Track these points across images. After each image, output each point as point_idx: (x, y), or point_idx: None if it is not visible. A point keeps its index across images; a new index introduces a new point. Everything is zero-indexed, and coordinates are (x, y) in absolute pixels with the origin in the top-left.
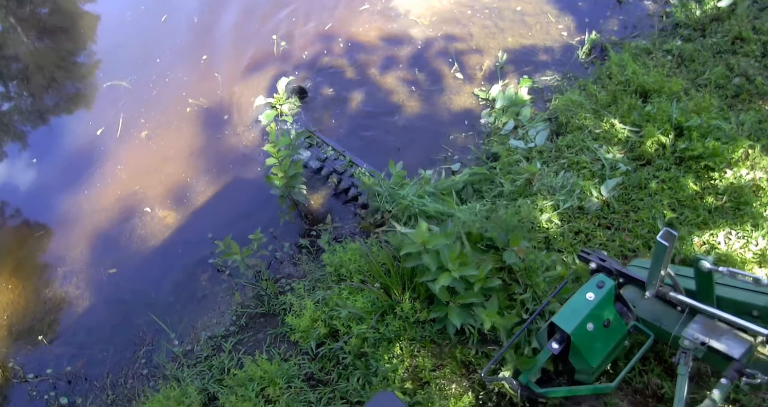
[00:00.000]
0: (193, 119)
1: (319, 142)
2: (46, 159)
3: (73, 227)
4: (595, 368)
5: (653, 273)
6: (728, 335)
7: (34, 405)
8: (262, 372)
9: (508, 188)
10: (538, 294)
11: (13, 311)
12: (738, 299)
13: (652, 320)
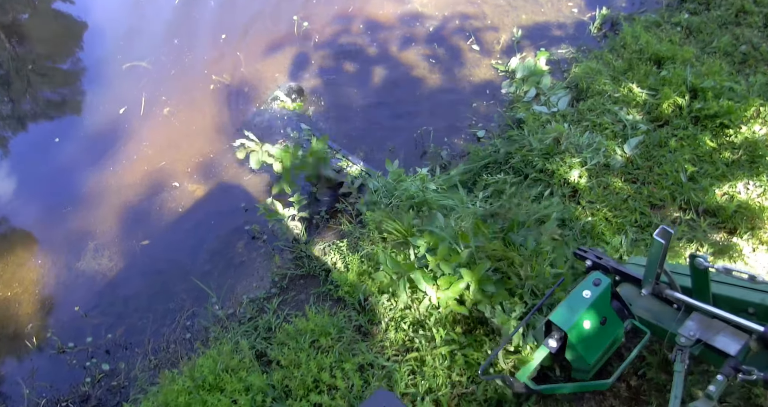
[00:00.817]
0: (217, 96)
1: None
2: (68, 138)
3: (101, 203)
4: (591, 365)
5: (649, 271)
6: (724, 332)
7: (75, 373)
8: (313, 325)
9: (537, 147)
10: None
11: (45, 284)
12: (734, 296)
13: (648, 317)
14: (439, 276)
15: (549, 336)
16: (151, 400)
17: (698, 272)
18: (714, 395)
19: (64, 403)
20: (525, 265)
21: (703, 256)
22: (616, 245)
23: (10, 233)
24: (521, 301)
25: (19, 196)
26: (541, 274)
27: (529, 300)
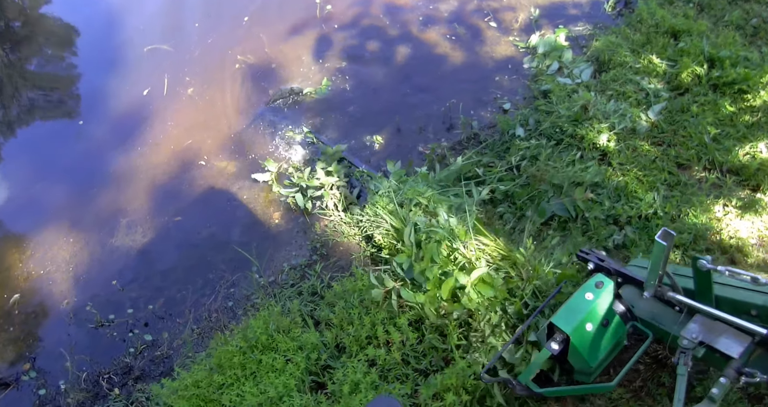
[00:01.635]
0: (242, 76)
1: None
2: (92, 121)
3: (130, 182)
4: (594, 367)
5: (652, 273)
6: (727, 334)
7: (115, 346)
8: (361, 284)
9: (566, 114)
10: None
11: (79, 261)
12: (736, 298)
13: (650, 319)
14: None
15: (551, 339)
16: (203, 363)
17: (701, 274)
18: (717, 398)
19: (106, 375)
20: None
21: (705, 258)
22: (650, 201)
23: (39, 215)
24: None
25: (45, 178)
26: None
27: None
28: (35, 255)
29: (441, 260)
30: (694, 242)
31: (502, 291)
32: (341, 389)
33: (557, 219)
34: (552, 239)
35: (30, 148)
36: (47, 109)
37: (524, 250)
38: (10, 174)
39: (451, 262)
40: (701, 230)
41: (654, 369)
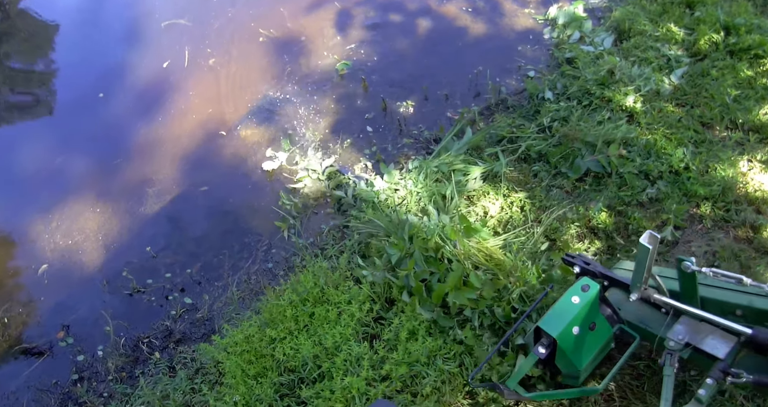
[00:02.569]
0: (264, 49)
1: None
2: (113, 94)
3: (154, 153)
4: (581, 371)
5: (637, 276)
6: (713, 335)
7: (154, 311)
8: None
9: (593, 78)
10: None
11: (108, 231)
12: (722, 299)
13: (637, 322)
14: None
15: (538, 343)
16: (253, 319)
17: (685, 276)
18: (704, 398)
19: (146, 339)
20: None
21: (690, 259)
22: (680, 156)
23: (63, 187)
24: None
25: (67, 151)
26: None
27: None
28: (61, 226)
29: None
30: (723, 195)
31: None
32: (398, 336)
33: (591, 175)
34: (587, 194)
35: (50, 122)
36: (65, 84)
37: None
38: (32, 148)
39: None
40: (729, 183)
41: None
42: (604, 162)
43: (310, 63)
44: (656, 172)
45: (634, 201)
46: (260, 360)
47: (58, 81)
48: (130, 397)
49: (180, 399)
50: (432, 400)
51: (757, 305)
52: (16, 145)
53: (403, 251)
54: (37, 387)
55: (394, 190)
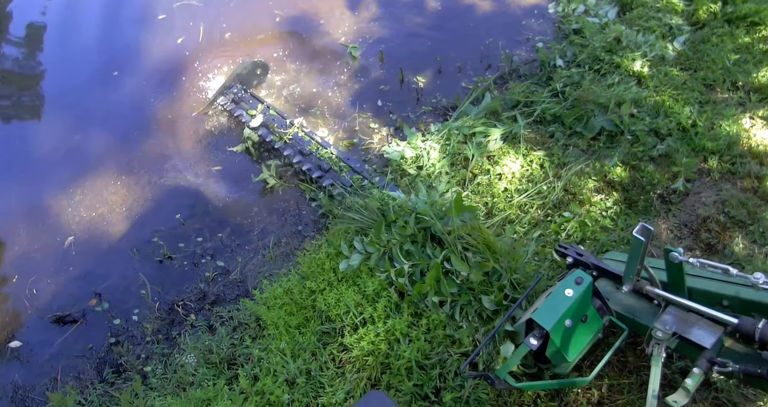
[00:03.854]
0: (280, 26)
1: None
2: (127, 71)
3: (172, 127)
4: (571, 362)
5: (630, 268)
6: (699, 325)
7: (186, 275)
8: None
9: (600, 45)
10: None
11: (132, 202)
12: (709, 289)
13: (626, 313)
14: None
15: (530, 334)
16: (291, 274)
17: (673, 266)
18: (691, 388)
19: (180, 302)
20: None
21: (677, 250)
22: (687, 114)
23: (82, 162)
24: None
25: (85, 128)
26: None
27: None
28: (84, 200)
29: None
30: (728, 149)
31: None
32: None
33: (605, 134)
34: (602, 151)
35: (65, 100)
36: (77, 63)
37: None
38: (49, 126)
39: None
40: (733, 138)
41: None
42: (617, 121)
43: (323, 40)
44: (665, 129)
45: (646, 157)
46: (301, 312)
47: (70, 62)
48: (168, 357)
49: (223, 353)
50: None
51: (743, 295)
52: (31, 125)
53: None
54: (72, 354)
55: (418, 152)
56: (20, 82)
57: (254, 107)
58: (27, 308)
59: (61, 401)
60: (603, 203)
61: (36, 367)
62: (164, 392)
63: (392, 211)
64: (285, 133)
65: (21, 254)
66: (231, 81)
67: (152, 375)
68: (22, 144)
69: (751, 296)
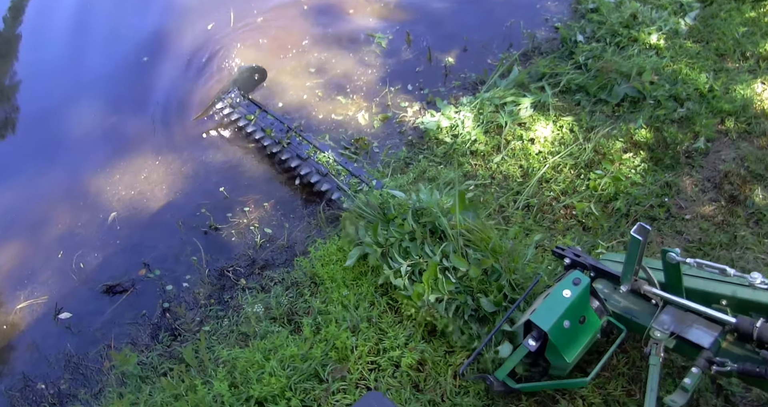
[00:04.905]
0: (309, 12)
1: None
2: (157, 56)
3: (204, 107)
4: (570, 363)
5: (628, 268)
6: (698, 325)
7: (233, 244)
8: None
9: (617, 21)
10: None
11: (173, 180)
12: (706, 289)
13: (624, 313)
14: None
15: (529, 336)
16: (342, 233)
17: (670, 267)
18: (689, 388)
19: (230, 268)
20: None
21: (674, 251)
22: (704, 80)
23: (119, 143)
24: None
25: (118, 112)
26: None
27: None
28: (123, 179)
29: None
30: (744, 111)
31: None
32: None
33: (628, 100)
34: (626, 116)
35: (95, 87)
36: (105, 51)
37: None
38: (83, 111)
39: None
40: (747, 101)
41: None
42: (639, 87)
43: (350, 27)
44: (684, 94)
45: (668, 120)
46: (355, 267)
47: (98, 49)
48: (222, 319)
49: (282, 308)
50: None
51: (740, 295)
52: (62, 109)
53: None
54: (123, 322)
55: (452, 122)
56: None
57: (252, 112)
58: (75, 281)
59: (124, 359)
60: (631, 161)
61: (87, 336)
62: (228, 344)
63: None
64: (283, 137)
65: (64, 232)
66: (229, 86)
67: (211, 334)
68: (60, 127)
69: (749, 296)
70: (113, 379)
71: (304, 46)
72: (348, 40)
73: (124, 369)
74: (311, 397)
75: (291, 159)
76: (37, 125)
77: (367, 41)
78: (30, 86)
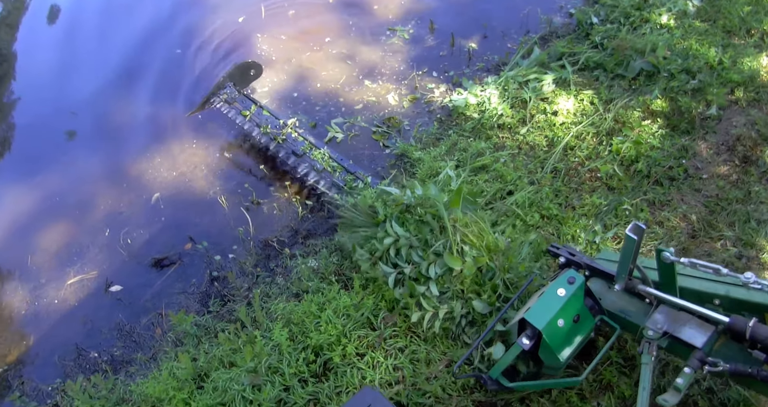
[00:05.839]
0: (335, 6)
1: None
2: (189, 49)
3: None
4: (563, 362)
5: (622, 267)
6: (691, 324)
7: (275, 217)
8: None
9: (629, 3)
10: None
11: (213, 161)
12: (700, 289)
13: (618, 312)
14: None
15: (523, 334)
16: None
17: (665, 266)
18: (682, 387)
19: (274, 240)
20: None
21: (669, 250)
22: (713, 54)
23: (157, 130)
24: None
25: (155, 101)
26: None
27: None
28: (164, 162)
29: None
30: (752, 81)
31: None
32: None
33: (644, 74)
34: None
35: (131, 79)
36: (137, 46)
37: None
38: (120, 100)
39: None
40: (755, 72)
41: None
42: (654, 62)
43: (374, 19)
44: (696, 68)
45: (681, 91)
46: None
47: (132, 43)
48: (270, 284)
49: (331, 268)
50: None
51: (733, 294)
52: (98, 99)
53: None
54: (173, 292)
55: (479, 99)
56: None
57: (247, 108)
58: (123, 256)
59: (180, 319)
60: (650, 128)
61: (138, 307)
62: (281, 301)
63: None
64: (278, 134)
65: (109, 212)
66: (223, 82)
67: (262, 296)
68: (100, 116)
69: (742, 296)
70: (169, 341)
71: (333, 36)
72: (373, 31)
73: (181, 329)
74: (365, 344)
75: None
76: (80, 114)
77: (392, 32)
78: (73, 78)
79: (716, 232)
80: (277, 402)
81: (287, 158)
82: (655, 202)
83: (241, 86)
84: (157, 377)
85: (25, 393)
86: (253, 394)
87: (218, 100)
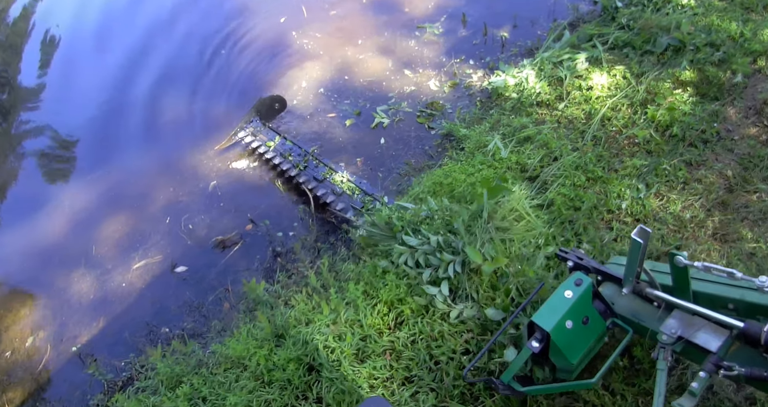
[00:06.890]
0: (369, 6)
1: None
2: (233, 49)
3: (286, 89)
4: (575, 365)
5: (629, 270)
6: (705, 329)
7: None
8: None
9: None
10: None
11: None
12: (714, 293)
13: (630, 316)
14: None
15: (532, 337)
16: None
17: (678, 270)
18: (697, 392)
19: (331, 217)
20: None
21: (682, 254)
22: (734, 28)
23: (208, 123)
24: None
25: (201, 99)
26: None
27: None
28: (216, 154)
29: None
30: None
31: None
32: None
33: (671, 49)
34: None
35: (178, 79)
36: (188, 46)
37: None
38: (164, 99)
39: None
40: None
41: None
42: (680, 37)
43: (407, 15)
44: (719, 41)
45: (708, 62)
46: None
47: (181, 45)
48: (333, 256)
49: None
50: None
51: (748, 298)
52: (150, 98)
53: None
54: (237, 270)
55: (517, 80)
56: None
57: (272, 139)
58: (185, 240)
59: (252, 287)
60: (681, 96)
61: (205, 284)
62: (349, 264)
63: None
64: (300, 161)
65: (168, 201)
66: (249, 116)
67: (328, 265)
68: (152, 114)
69: (757, 300)
70: (240, 310)
71: (369, 33)
72: (407, 26)
73: (253, 296)
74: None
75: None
76: (135, 112)
77: (423, 28)
78: (130, 79)
79: (751, 186)
80: (356, 350)
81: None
82: (691, 162)
83: (266, 120)
84: (237, 337)
85: (98, 370)
86: (335, 342)
87: (245, 134)
